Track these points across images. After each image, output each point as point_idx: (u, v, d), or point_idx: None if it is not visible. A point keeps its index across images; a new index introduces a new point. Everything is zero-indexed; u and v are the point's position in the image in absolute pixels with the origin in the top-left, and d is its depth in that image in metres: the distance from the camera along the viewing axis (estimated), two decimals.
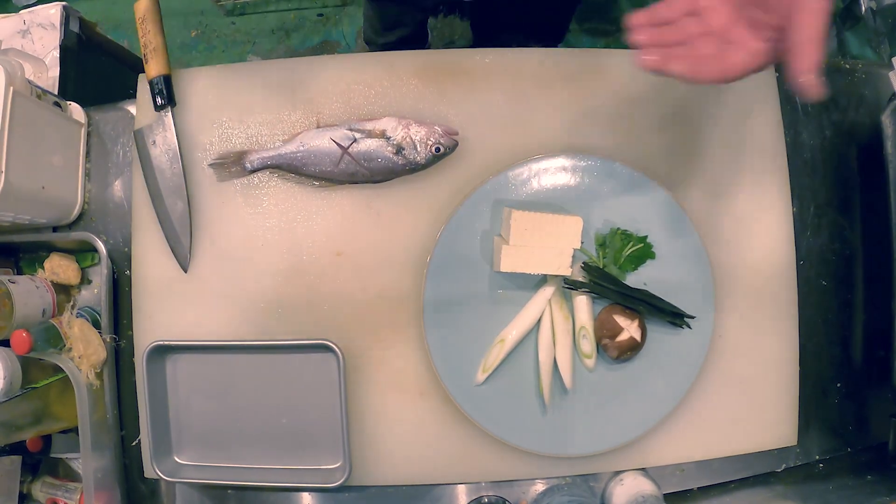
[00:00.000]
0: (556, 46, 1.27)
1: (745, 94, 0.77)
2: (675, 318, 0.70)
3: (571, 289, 0.70)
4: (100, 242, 0.74)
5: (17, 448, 0.73)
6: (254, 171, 0.74)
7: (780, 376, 0.75)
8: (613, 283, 0.70)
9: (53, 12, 0.89)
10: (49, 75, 0.86)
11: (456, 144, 0.72)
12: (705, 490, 0.75)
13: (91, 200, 0.79)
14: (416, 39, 1.42)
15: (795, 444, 0.75)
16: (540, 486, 0.74)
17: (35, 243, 0.77)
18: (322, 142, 0.72)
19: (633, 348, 0.68)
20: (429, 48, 1.57)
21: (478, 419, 0.70)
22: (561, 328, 0.70)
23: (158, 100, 0.74)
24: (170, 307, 0.74)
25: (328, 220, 0.74)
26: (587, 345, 0.70)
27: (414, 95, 0.75)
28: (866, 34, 1.22)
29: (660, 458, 0.73)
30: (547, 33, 1.24)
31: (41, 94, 0.73)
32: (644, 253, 0.71)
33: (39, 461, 0.78)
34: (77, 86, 0.89)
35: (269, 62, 0.78)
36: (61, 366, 0.68)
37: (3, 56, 0.72)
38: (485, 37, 1.41)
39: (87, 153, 0.80)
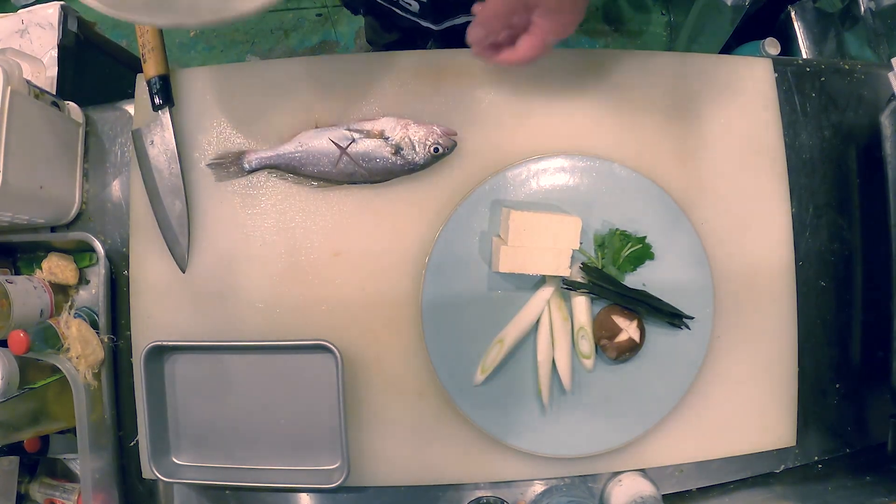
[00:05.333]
0: None
1: (745, 95, 0.77)
2: (674, 318, 0.70)
3: (570, 289, 0.70)
4: (98, 242, 0.74)
5: (14, 448, 0.73)
6: (252, 171, 0.74)
7: (779, 377, 0.75)
8: (612, 283, 0.70)
9: (52, 12, 0.89)
10: (47, 75, 0.86)
11: (454, 145, 0.72)
12: (704, 491, 0.75)
13: (89, 200, 0.79)
14: (417, 38, 1.42)
15: (794, 444, 0.75)
16: (538, 487, 0.74)
17: (33, 243, 0.77)
18: (320, 142, 0.72)
19: (631, 349, 0.68)
20: (429, 48, 1.56)
21: (476, 420, 0.70)
22: (559, 329, 0.70)
23: (156, 100, 0.74)
24: (168, 307, 0.74)
25: (326, 221, 0.74)
26: (586, 345, 0.70)
27: (412, 95, 0.75)
28: (865, 35, 1.22)
29: (659, 458, 0.73)
30: None
31: (39, 93, 0.73)
32: (643, 253, 0.71)
33: (37, 461, 0.78)
34: (75, 85, 0.89)
35: (268, 62, 0.78)
36: (59, 366, 0.68)
37: (2, 56, 0.72)
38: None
39: (85, 153, 0.80)
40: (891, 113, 0.76)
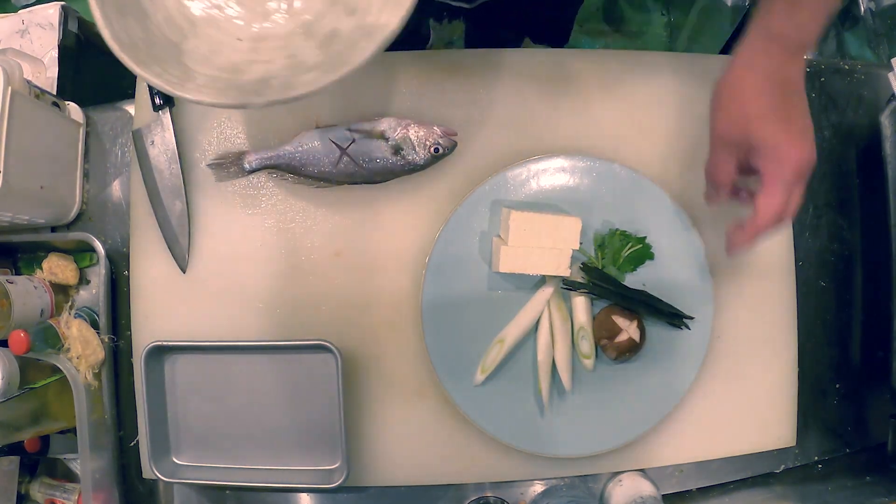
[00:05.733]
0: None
1: None
2: (674, 318, 0.70)
3: (570, 289, 0.70)
4: (98, 243, 0.74)
5: (15, 448, 0.73)
6: (252, 171, 0.74)
7: (779, 377, 0.75)
8: (612, 283, 0.70)
9: (52, 12, 0.89)
10: (47, 75, 0.86)
11: (455, 145, 0.72)
12: (704, 491, 0.75)
13: (89, 200, 0.79)
14: (418, 39, 1.42)
15: (794, 444, 0.75)
16: (539, 487, 0.74)
17: (33, 243, 0.77)
18: (321, 142, 0.72)
19: (631, 349, 0.68)
20: (431, 48, 1.57)
21: (476, 420, 0.70)
22: (559, 329, 0.70)
23: (157, 100, 0.74)
24: (168, 307, 0.74)
25: (327, 221, 0.74)
26: (586, 345, 0.70)
27: (413, 96, 0.75)
28: (865, 35, 1.23)
29: (659, 458, 0.73)
30: (549, 39, 1.24)
31: (39, 93, 0.73)
32: (643, 254, 0.71)
33: (37, 461, 0.78)
34: (75, 86, 0.89)
35: None
36: (59, 366, 0.68)
37: (2, 56, 0.72)
38: (485, 44, 1.41)
39: (86, 153, 0.80)
40: (891, 113, 0.76)
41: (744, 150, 0.56)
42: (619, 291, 0.70)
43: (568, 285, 0.70)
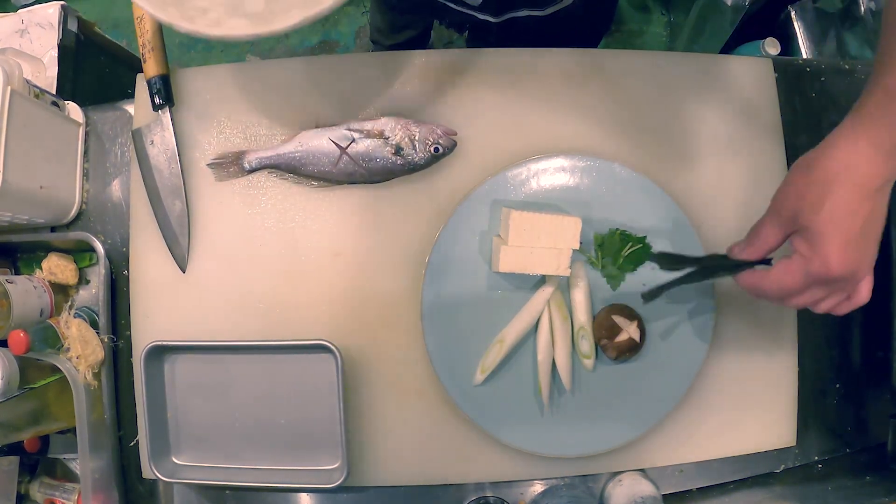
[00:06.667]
0: None
1: (745, 96, 0.77)
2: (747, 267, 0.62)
3: (653, 298, 0.64)
4: (98, 242, 0.74)
5: (14, 448, 0.73)
6: (252, 171, 0.74)
7: (779, 377, 0.75)
8: (686, 261, 0.64)
9: (52, 12, 0.89)
10: (47, 75, 0.86)
11: (455, 145, 0.72)
12: (704, 491, 0.75)
13: (89, 200, 0.79)
14: (420, 40, 1.43)
15: (794, 444, 0.75)
16: (539, 487, 0.74)
17: (33, 243, 0.77)
18: (321, 142, 0.72)
19: (631, 349, 0.68)
20: (430, 48, 1.56)
21: (476, 419, 0.70)
22: (559, 329, 0.70)
23: (156, 99, 0.74)
24: (168, 307, 0.74)
25: (326, 221, 0.74)
26: (586, 345, 0.70)
27: (413, 96, 0.75)
28: (865, 35, 1.23)
29: (659, 458, 0.73)
30: None
31: (39, 93, 0.73)
32: (643, 253, 0.71)
33: (37, 461, 0.78)
34: (75, 85, 0.89)
35: (268, 62, 0.78)
36: (59, 366, 0.68)
37: (2, 56, 0.72)
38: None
39: (85, 153, 0.80)
40: None
41: (793, 228, 0.55)
42: (698, 265, 0.64)
43: (648, 296, 0.64)
